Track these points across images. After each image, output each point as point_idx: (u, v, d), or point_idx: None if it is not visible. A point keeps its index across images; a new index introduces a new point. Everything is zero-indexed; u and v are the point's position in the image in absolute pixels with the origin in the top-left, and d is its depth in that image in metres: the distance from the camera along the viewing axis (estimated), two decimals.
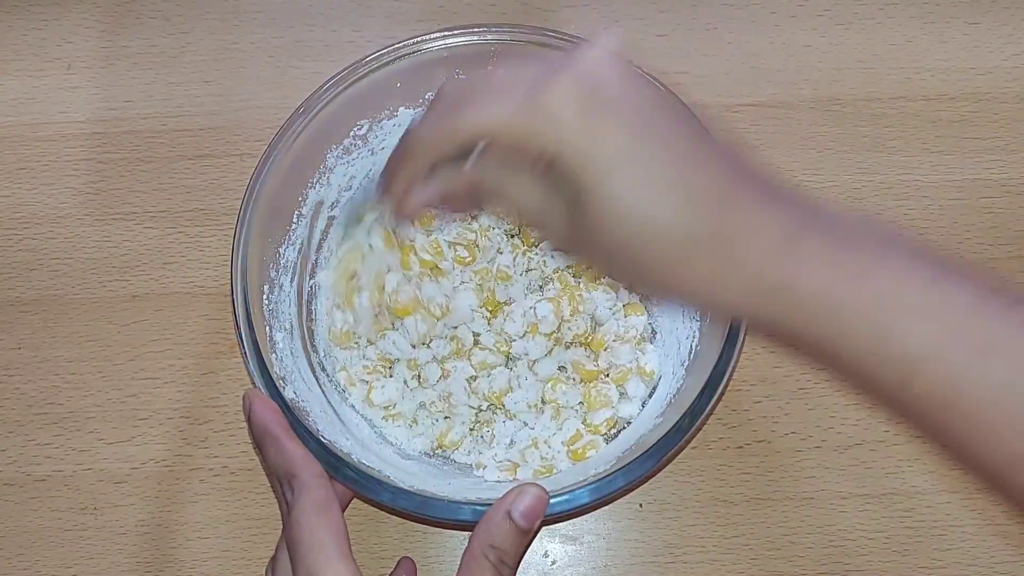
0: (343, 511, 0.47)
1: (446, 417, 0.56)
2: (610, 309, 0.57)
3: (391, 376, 0.57)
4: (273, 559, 0.49)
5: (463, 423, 0.56)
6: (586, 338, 0.57)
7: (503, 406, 0.56)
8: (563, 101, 0.40)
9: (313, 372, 0.55)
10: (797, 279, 0.40)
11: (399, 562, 0.54)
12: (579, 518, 0.57)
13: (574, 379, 0.57)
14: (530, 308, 0.56)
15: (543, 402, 0.56)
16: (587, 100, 0.40)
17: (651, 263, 0.41)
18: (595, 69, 0.41)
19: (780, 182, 0.43)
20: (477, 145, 0.42)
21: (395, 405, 0.56)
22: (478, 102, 0.42)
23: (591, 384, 0.56)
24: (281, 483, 0.47)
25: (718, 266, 0.40)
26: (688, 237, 0.40)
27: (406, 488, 0.47)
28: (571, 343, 0.57)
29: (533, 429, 0.56)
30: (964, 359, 0.39)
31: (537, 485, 0.46)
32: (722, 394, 0.49)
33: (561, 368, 0.57)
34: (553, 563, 0.56)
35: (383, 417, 0.56)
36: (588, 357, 0.57)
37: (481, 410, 0.57)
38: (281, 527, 0.55)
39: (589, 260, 0.45)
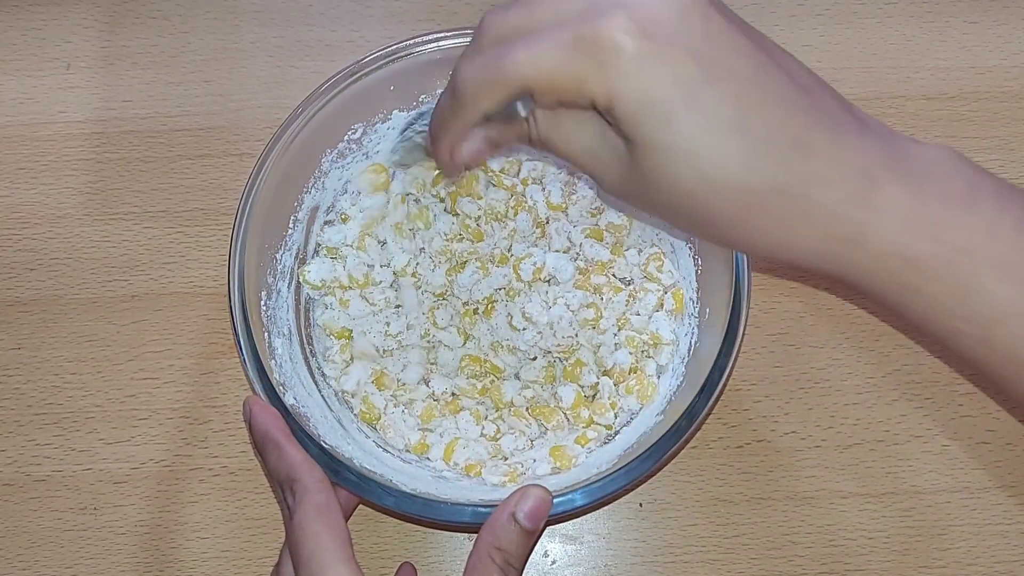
0: (347, 519, 0.47)
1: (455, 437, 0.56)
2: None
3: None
4: (276, 566, 0.49)
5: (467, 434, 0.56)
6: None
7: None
8: (617, 41, 0.36)
9: (312, 377, 0.55)
10: (874, 230, 0.38)
11: (399, 568, 0.54)
12: (579, 518, 0.57)
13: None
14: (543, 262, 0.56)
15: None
16: (643, 39, 0.36)
17: (715, 214, 0.39)
18: (650, 2, 0.37)
19: (856, 112, 0.40)
20: (527, 93, 0.39)
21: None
22: (525, 43, 0.38)
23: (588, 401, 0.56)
24: (283, 488, 0.47)
25: (788, 217, 0.38)
26: (756, 187, 0.38)
27: (409, 492, 0.47)
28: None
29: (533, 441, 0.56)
30: None
31: (540, 486, 0.46)
32: (721, 393, 0.49)
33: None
34: (553, 563, 0.56)
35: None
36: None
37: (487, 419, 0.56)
38: (281, 527, 0.55)
39: (648, 209, 0.41)
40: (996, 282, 0.38)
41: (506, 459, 0.54)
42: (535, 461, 0.54)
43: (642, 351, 0.56)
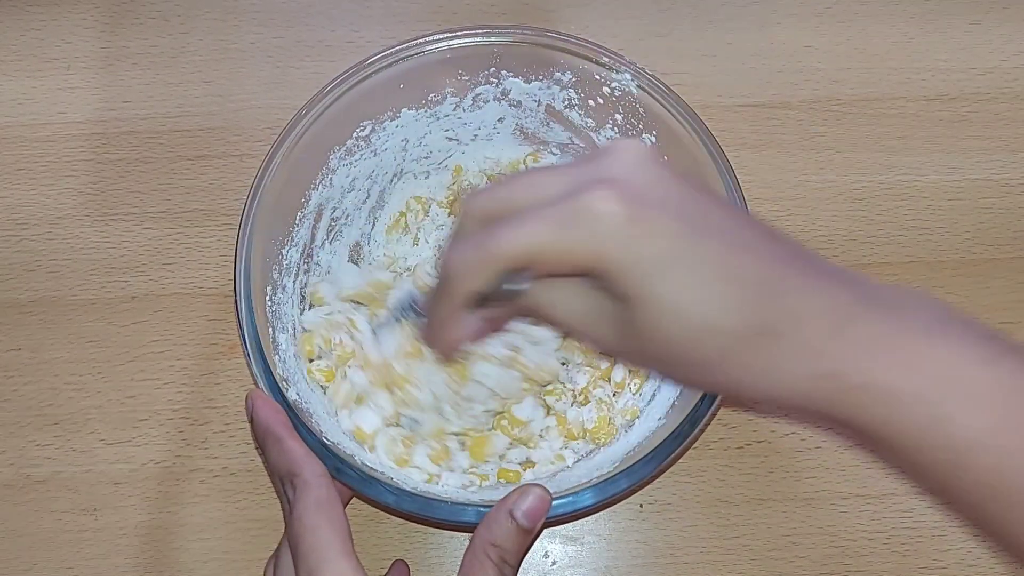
0: (345, 506, 0.47)
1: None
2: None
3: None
4: (274, 558, 0.49)
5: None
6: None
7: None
8: (604, 209, 0.39)
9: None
10: (848, 365, 0.39)
11: (392, 564, 0.54)
12: (580, 519, 0.57)
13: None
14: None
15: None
16: (629, 204, 0.39)
17: (702, 361, 0.41)
18: (633, 174, 0.40)
19: (823, 260, 0.42)
20: (517, 270, 0.41)
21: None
22: (510, 223, 0.40)
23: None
24: (283, 482, 0.47)
25: (772, 358, 0.40)
26: (738, 330, 0.40)
27: (409, 490, 0.47)
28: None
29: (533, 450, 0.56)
30: (1021, 446, 0.38)
31: (540, 486, 0.46)
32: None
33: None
34: (554, 564, 0.56)
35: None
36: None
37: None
38: (282, 529, 0.55)
39: (640, 364, 0.46)
40: (967, 412, 0.39)
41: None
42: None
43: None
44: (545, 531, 0.57)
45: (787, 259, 0.41)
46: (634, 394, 0.56)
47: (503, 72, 0.56)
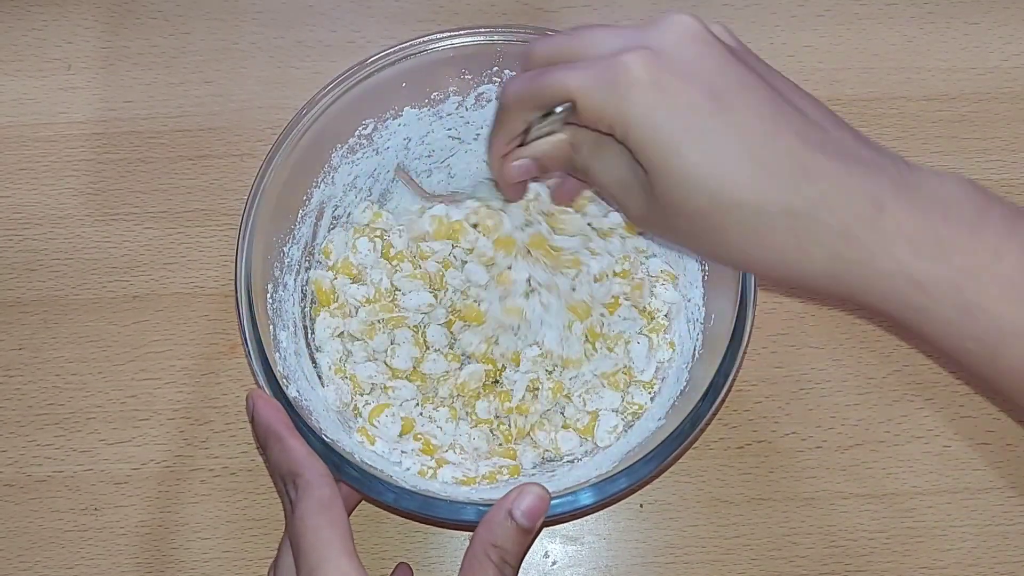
0: (349, 514, 0.47)
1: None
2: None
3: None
4: (275, 560, 0.49)
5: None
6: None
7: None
8: (635, 74, 0.40)
9: (316, 370, 0.55)
10: (881, 251, 0.39)
11: (396, 568, 0.54)
12: (580, 519, 0.57)
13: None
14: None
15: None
16: (659, 72, 0.40)
17: (728, 235, 0.41)
18: (672, 45, 0.41)
19: (873, 145, 0.42)
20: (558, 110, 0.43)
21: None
22: (563, 68, 0.43)
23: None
24: (285, 482, 0.47)
25: (797, 237, 0.40)
26: (764, 207, 0.40)
27: (409, 488, 0.47)
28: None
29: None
30: None
31: (539, 485, 0.46)
32: (725, 398, 0.49)
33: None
34: (554, 563, 0.56)
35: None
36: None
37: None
38: (282, 528, 0.55)
39: (667, 236, 0.45)
40: (1001, 303, 0.39)
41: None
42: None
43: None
44: (545, 531, 0.57)
45: (822, 140, 0.41)
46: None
47: (506, 71, 0.56)
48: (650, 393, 0.56)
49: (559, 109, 0.44)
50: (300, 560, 0.44)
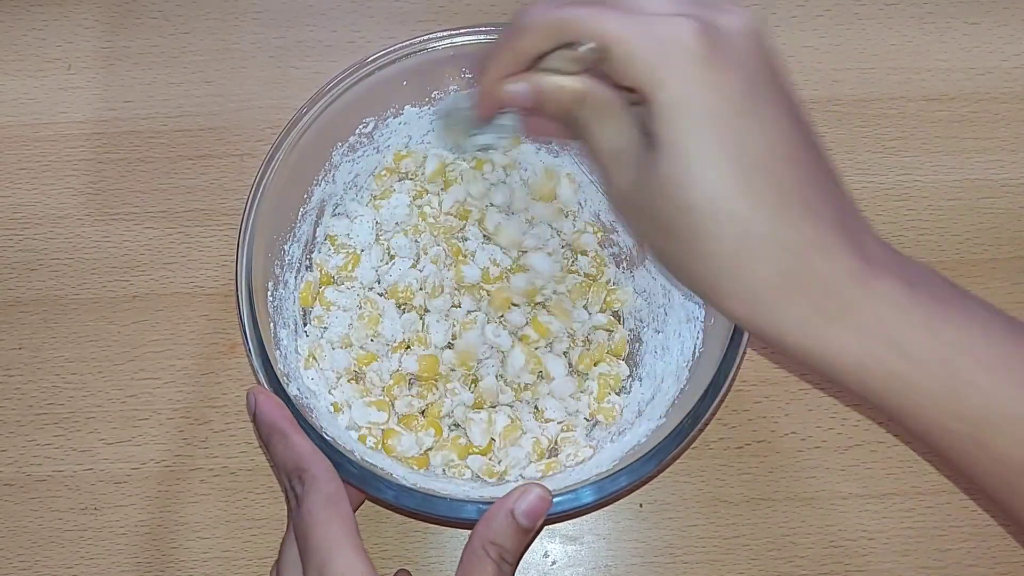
0: (355, 511, 0.47)
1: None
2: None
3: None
4: (279, 557, 0.48)
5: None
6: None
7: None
8: (686, 40, 0.37)
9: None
10: (867, 310, 0.37)
11: (396, 574, 0.54)
12: (579, 518, 0.57)
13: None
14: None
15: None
16: (710, 51, 0.37)
17: (707, 248, 0.38)
18: (729, 25, 0.38)
19: (862, 216, 0.41)
20: (583, 46, 0.39)
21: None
22: (602, 7, 0.39)
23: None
24: (289, 478, 0.46)
25: (780, 274, 0.38)
26: (758, 231, 0.37)
27: (409, 486, 0.47)
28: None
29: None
30: None
31: (540, 485, 0.46)
32: (725, 396, 0.49)
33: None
34: (553, 563, 0.56)
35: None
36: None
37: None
38: (282, 528, 0.55)
39: (642, 228, 0.41)
40: (990, 381, 0.37)
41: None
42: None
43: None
44: (545, 530, 0.57)
45: (838, 195, 0.39)
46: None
47: None
48: (651, 393, 0.56)
49: (584, 48, 0.39)
50: (308, 555, 0.44)
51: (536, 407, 0.56)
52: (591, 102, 0.41)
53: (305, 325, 0.56)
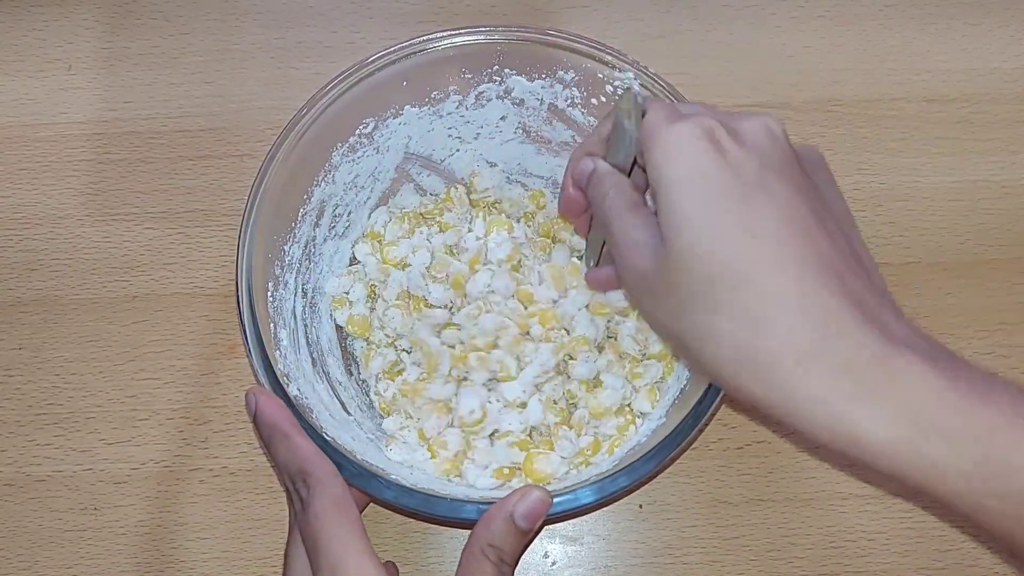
0: (361, 512, 0.47)
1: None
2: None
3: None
4: (286, 561, 0.48)
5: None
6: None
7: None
8: (693, 127, 0.40)
9: (315, 369, 0.55)
10: (893, 386, 0.37)
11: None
12: (579, 519, 0.57)
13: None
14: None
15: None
16: (720, 136, 0.40)
17: (720, 327, 0.39)
18: (745, 125, 0.41)
19: (887, 293, 0.41)
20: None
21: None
22: (658, 110, 0.43)
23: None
24: (293, 481, 0.46)
25: (798, 345, 0.37)
26: (777, 296, 0.38)
27: (409, 486, 0.47)
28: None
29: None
30: None
31: (540, 488, 0.46)
32: (725, 396, 0.49)
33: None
34: (553, 564, 0.56)
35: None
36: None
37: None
38: (282, 528, 0.55)
39: (658, 313, 0.42)
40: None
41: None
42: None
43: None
44: (545, 531, 0.57)
45: (858, 276, 0.39)
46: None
47: (506, 70, 0.56)
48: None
49: (632, 102, 0.44)
50: (319, 558, 0.44)
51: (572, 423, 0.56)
52: (622, 192, 0.44)
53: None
